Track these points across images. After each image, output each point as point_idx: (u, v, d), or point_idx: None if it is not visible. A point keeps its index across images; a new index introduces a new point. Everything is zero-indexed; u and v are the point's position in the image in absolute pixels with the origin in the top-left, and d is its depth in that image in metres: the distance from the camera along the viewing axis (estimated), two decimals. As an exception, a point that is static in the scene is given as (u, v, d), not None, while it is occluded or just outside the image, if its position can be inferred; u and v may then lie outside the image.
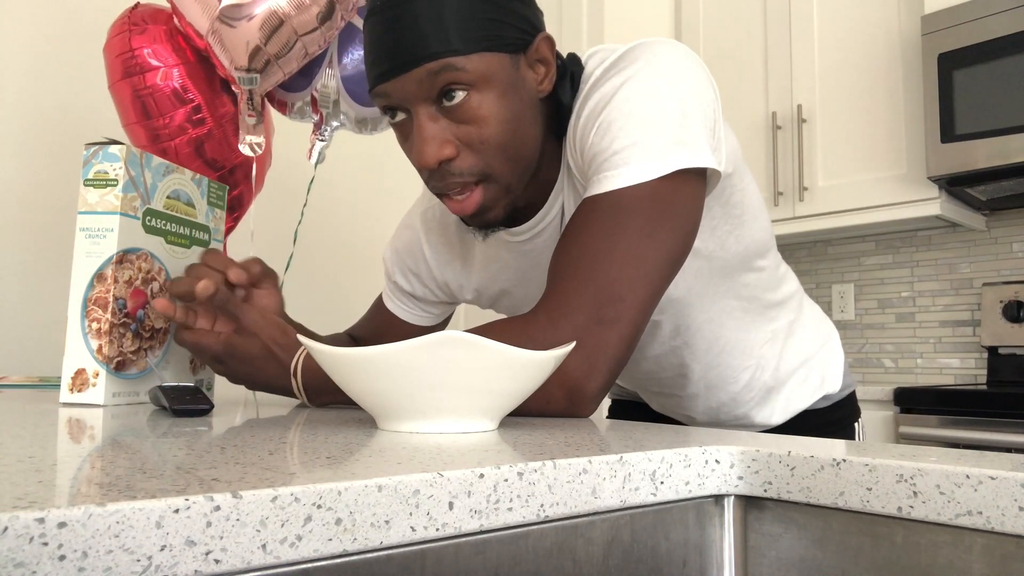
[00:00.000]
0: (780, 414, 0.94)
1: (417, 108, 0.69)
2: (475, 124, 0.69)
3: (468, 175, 0.71)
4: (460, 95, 0.68)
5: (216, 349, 0.74)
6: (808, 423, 0.95)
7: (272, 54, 1.35)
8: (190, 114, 1.41)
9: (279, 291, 0.85)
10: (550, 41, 0.74)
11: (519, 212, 0.81)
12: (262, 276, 0.83)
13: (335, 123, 1.60)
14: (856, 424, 1.00)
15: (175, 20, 1.42)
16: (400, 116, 0.72)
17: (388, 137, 1.74)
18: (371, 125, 1.69)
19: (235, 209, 1.58)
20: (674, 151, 0.67)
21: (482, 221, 0.75)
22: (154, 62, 1.39)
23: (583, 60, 0.79)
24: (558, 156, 0.79)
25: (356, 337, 1.04)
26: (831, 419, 0.96)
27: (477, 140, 0.70)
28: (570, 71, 0.76)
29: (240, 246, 1.80)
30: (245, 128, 1.41)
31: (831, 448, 0.44)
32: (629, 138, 0.68)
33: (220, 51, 1.36)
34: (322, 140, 1.61)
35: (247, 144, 1.42)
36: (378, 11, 0.69)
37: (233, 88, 1.44)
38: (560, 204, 0.80)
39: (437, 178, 0.71)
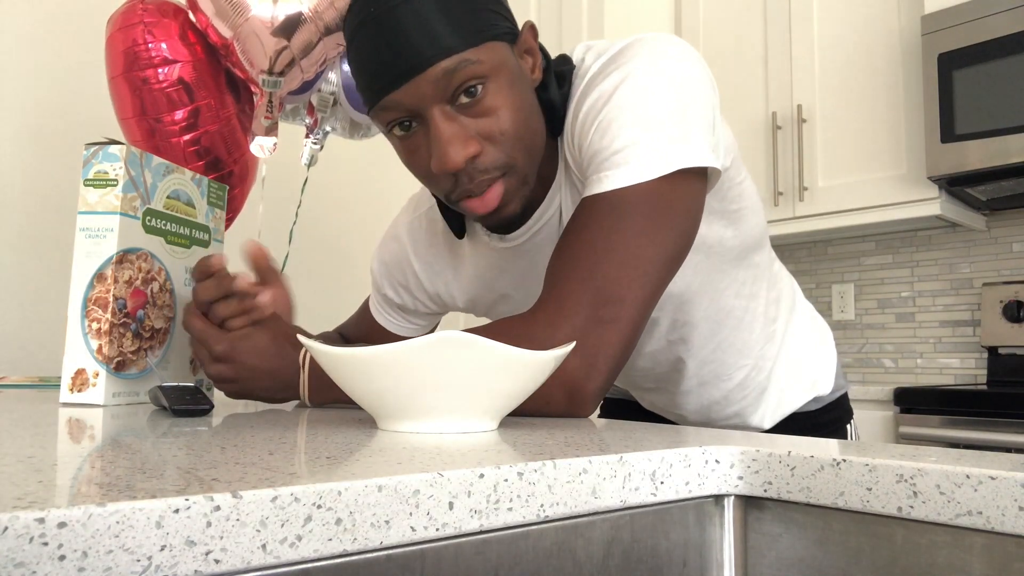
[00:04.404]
0: (771, 415, 0.93)
1: (432, 111, 0.67)
2: (493, 116, 0.68)
3: (494, 170, 0.69)
4: (479, 89, 0.67)
5: (221, 346, 0.73)
6: (799, 425, 0.94)
7: (296, 54, 1.36)
8: (193, 113, 1.40)
9: (286, 287, 0.85)
10: (534, 30, 0.74)
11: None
12: (268, 272, 0.83)
13: (328, 128, 1.60)
14: (848, 426, 1.00)
15: (191, 16, 1.41)
16: (407, 128, 0.70)
17: (381, 137, 1.76)
18: (364, 130, 1.70)
19: (228, 210, 1.58)
20: (674, 150, 0.67)
21: (499, 218, 0.73)
22: (162, 57, 1.37)
23: (574, 55, 0.78)
24: (554, 153, 0.78)
25: (346, 337, 1.04)
26: (822, 421, 0.96)
27: (497, 132, 0.68)
28: (559, 69, 0.76)
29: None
30: (259, 129, 1.41)
31: (831, 448, 0.44)
32: (629, 137, 0.67)
33: (243, 54, 1.36)
34: (315, 144, 1.61)
35: (258, 145, 1.42)
36: (372, 19, 0.66)
37: (253, 90, 1.44)
38: (558, 202, 0.79)
39: (465, 180, 0.69)
